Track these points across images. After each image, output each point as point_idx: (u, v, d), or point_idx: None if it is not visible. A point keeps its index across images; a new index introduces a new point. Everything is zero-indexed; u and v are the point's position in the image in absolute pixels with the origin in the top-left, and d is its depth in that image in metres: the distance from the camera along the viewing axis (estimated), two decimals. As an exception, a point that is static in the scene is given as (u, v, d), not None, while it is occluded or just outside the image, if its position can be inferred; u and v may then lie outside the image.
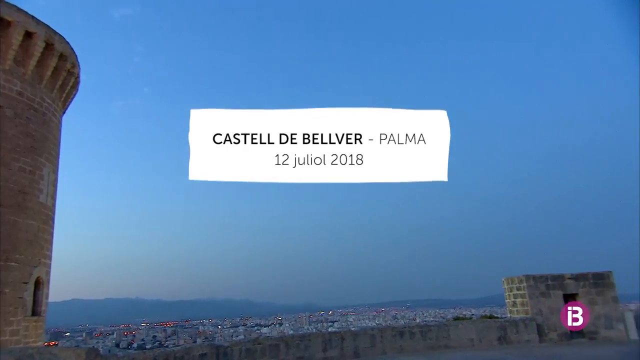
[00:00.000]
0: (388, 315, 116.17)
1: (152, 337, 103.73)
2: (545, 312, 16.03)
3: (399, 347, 14.01)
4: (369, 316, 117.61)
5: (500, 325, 15.78)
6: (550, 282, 16.43)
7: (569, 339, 15.82)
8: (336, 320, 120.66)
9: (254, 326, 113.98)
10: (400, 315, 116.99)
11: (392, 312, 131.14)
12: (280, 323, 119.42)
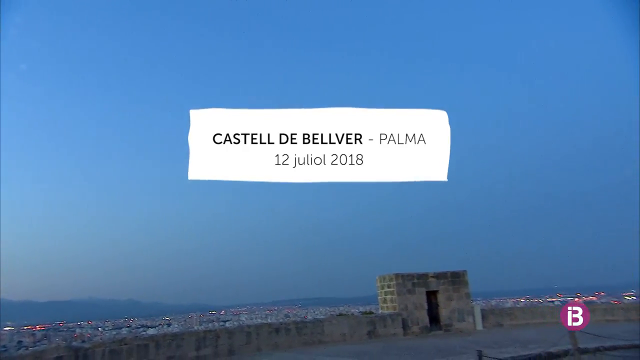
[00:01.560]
0: (280, 314, 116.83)
1: (17, 342, 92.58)
2: (410, 308, 17.67)
3: (274, 344, 14.46)
4: (262, 315, 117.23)
5: (370, 320, 17.04)
6: (416, 280, 18.15)
7: (429, 332, 17.62)
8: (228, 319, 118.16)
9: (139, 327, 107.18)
10: (292, 313, 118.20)
11: (285, 310, 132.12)
12: (169, 324, 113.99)
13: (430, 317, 17.98)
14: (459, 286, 18.50)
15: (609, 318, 18.45)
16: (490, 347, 12.08)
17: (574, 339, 8.22)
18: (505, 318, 19.27)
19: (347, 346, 14.85)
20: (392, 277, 18.05)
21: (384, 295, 18.64)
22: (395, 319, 17.29)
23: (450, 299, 18.26)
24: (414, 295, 17.87)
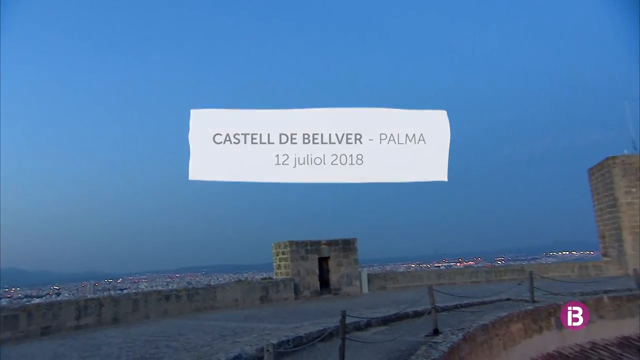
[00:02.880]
0: (183, 281, 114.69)
1: None
2: (303, 273, 18.52)
3: (164, 311, 14.39)
4: (163, 282, 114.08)
5: (263, 286, 17.60)
6: (309, 247, 18.98)
7: (319, 296, 18.68)
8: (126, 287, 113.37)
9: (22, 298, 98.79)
10: (195, 280, 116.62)
11: (187, 278, 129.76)
12: (58, 293, 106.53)
13: (321, 281, 19.03)
14: (349, 253, 19.71)
15: (474, 280, 20.97)
16: (367, 308, 13.21)
17: (432, 297, 9.33)
18: (389, 282, 21.01)
19: (238, 311, 15.24)
20: (287, 244, 18.69)
21: (278, 262, 19.28)
22: (288, 284, 18.03)
23: (340, 264, 19.42)
24: (307, 262, 18.73)
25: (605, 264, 20.53)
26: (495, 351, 7.53)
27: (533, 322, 8.96)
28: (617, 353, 9.37)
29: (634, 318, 10.38)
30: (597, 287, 12.88)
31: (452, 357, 5.76)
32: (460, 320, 8.83)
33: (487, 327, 7.44)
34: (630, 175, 19.33)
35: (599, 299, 10.24)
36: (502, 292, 14.04)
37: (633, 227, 19.30)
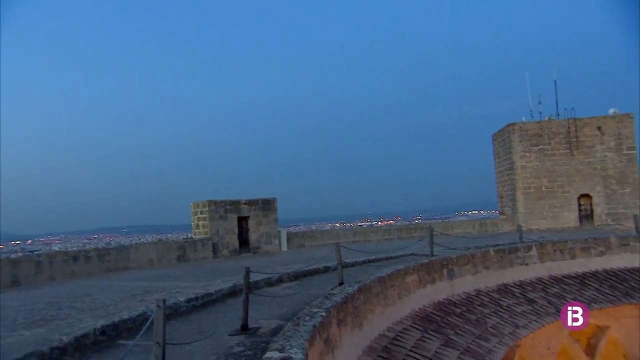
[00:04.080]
0: (101, 242, 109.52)
1: None
2: (221, 233, 18.57)
3: (71, 272, 13.85)
4: (78, 244, 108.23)
5: (180, 245, 17.45)
6: (228, 206, 18.98)
7: (238, 254, 18.93)
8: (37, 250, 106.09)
9: None
10: (114, 241, 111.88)
11: (106, 239, 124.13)
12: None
13: (241, 240, 19.24)
14: (269, 212, 20.02)
15: (387, 237, 22.32)
16: (283, 265, 13.69)
17: (339, 253, 9.88)
18: (308, 240, 21.73)
19: (153, 271, 15.06)
20: (205, 204, 18.54)
21: (197, 222, 19.13)
22: (206, 243, 18.03)
23: (260, 224, 19.71)
24: (226, 221, 18.77)
25: (501, 222, 22.75)
26: (390, 300, 8.24)
27: (427, 274, 9.86)
28: (496, 297, 10.65)
29: (513, 267, 11.79)
30: (489, 242, 14.35)
31: (347, 306, 6.25)
32: (367, 274, 9.51)
33: (384, 279, 8.09)
34: (526, 140, 21.26)
35: (486, 252, 11.45)
36: (408, 247, 15.18)
37: (525, 188, 21.44)
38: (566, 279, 12.26)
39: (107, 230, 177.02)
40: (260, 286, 10.69)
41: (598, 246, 13.00)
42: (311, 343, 4.19)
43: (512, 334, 9.22)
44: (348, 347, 6.11)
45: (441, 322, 8.99)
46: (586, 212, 21.00)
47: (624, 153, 20.45)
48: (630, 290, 11.83)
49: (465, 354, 7.88)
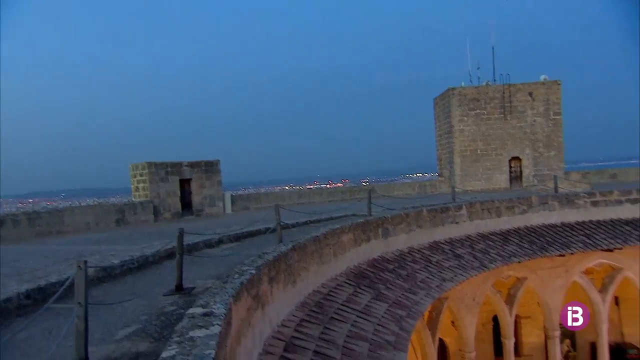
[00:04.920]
0: (37, 206, 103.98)
1: None
2: (163, 195, 18.20)
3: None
4: (12, 208, 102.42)
5: (119, 208, 16.97)
6: (169, 168, 18.54)
7: (181, 217, 18.69)
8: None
9: None
10: (52, 206, 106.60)
11: (42, 202, 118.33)
12: None
13: (183, 203, 18.97)
14: (212, 174, 19.77)
15: (331, 199, 22.80)
16: (225, 227, 13.71)
17: (278, 215, 10.04)
18: (252, 202, 21.77)
19: (90, 235, 14.64)
20: (145, 166, 18.01)
21: (136, 184, 18.59)
22: (147, 206, 17.64)
23: (203, 186, 19.47)
24: (167, 183, 18.38)
25: (439, 183, 23.80)
26: (326, 258, 8.56)
27: (363, 233, 10.27)
28: (427, 254, 11.32)
29: (444, 226, 12.52)
30: (425, 202, 15.05)
31: (279, 264, 6.45)
32: (306, 234, 9.77)
33: (319, 238, 8.35)
34: (464, 105, 22.07)
35: (419, 212, 12.05)
36: (349, 208, 15.64)
37: (462, 151, 22.44)
38: (492, 235, 13.19)
39: (44, 194, 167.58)
40: (199, 248, 10.74)
41: (521, 205, 14.01)
42: (237, 299, 4.34)
43: (439, 287, 9.90)
44: (280, 303, 6.35)
45: (374, 278, 9.47)
46: (516, 174, 22.40)
47: (551, 118, 21.79)
48: (546, 245, 12.94)
49: (393, 306, 8.41)
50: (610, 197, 14.51)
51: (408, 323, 7.94)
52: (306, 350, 5.71)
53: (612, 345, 16.35)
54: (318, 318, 6.88)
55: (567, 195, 14.70)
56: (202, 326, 3.30)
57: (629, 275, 14.70)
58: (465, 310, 13.27)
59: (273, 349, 5.45)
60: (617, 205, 14.40)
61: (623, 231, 13.73)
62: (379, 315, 7.78)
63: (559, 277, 14.40)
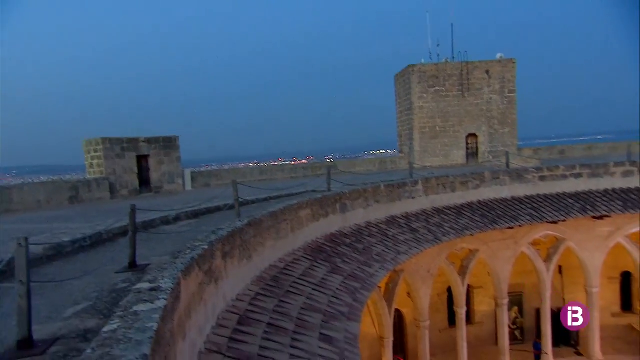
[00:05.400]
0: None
1: None
2: (119, 172, 17.73)
3: (-59, 217, 12.54)
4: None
5: (72, 185, 16.43)
6: (125, 144, 18.02)
7: (139, 194, 18.30)
8: None
9: None
10: (4, 182, 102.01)
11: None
12: None
13: (141, 180, 18.55)
14: (171, 151, 19.37)
15: (293, 175, 22.85)
16: (184, 203, 13.54)
17: (236, 191, 10.02)
18: (213, 179, 21.54)
19: (41, 213, 14.15)
20: (99, 142, 17.43)
21: (90, 160, 18.00)
22: (102, 183, 17.16)
23: (162, 163, 19.07)
24: (123, 160, 17.89)
25: (399, 159, 24.26)
26: (283, 234, 8.66)
27: (321, 208, 10.42)
28: (384, 228, 11.64)
29: (401, 201, 12.85)
30: (384, 178, 15.35)
31: (234, 240, 6.49)
32: (265, 210, 9.82)
33: (276, 213, 8.42)
34: (424, 82, 22.39)
35: (377, 187, 12.30)
36: (310, 185, 15.76)
37: (422, 127, 22.88)
38: (446, 209, 13.66)
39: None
40: (156, 225, 10.61)
41: (474, 180, 14.53)
42: (187, 274, 4.37)
43: (394, 260, 10.24)
44: (235, 278, 6.42)
45: (331, 252, 9.68)
46: (472, 150, 23.09)
47: (506, 96, 22.47)
48: (496, 218, 13.54)
49: (349, 278, 8.65)
50: (557, 172, 15.27)
51: (362, 295, 8.21)
52: (260, 322, 5.84)
53: (554, 311, 17.47)
54: (274, 292, 7.01)
55: (517, 171, 15.35)
56: (147, 301, 3.32)
57: (571, 245, 15.65)
58: (421, 282, 13.81)
59: (227, 322, 5.54)
60: (563, 180, 15.19)
61: (567, 204, 14.53)
62: (334, 288, 8.00)
63: (509, 248, 15.15)
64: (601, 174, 15.29)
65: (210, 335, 5.04)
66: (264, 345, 5.26)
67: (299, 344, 5.67)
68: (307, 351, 5.56)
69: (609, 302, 18.67)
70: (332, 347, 5.96)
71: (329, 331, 6.35)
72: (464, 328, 15.14)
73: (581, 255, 15.77)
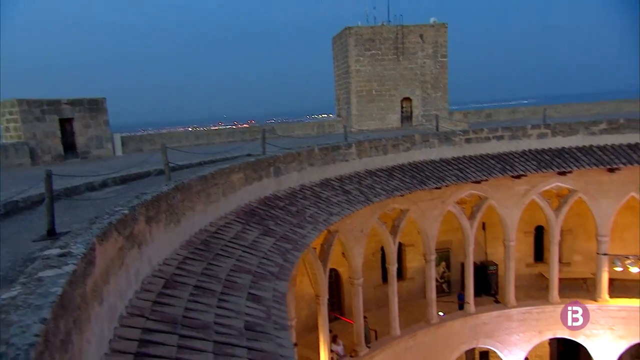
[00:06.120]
0: None
1: None
2: (40, 136, 16.57)
3: None
4: None
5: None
6: (45, 107, 16.79)
7: (64, 160, 17.27)
8: None
9: None
10: None
11: None
12: None
13: (66, 145, 17.49)
14: (97, 114, 18.32)
15: (230, 140, 22.47)
16: (112, 169, 13.00)
17: (165, 156, 9.76)
18: (146, 144, 20.70)
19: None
20: (15, 103, 16.12)
21: (6, 124, 16.65)
22: (21, 148, 16.02)
23: (88, 126, 18.03)
24: (44, 123, 16.72)
25: (337, 123, 24.48)
26: (214, 198, 8.62)
27: (254, 172, 10.42)
28: (318, 191, 11.88)
29: (335, 164, 13.12)
30: (321, 142, 15.50)
31: (159, 204, 6.40)
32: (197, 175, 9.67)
33: (206, 177, 8.34)
34: (360, 45, 22.46)
35: (311, 150, 12.44)
36: (245, 149, 15.63)
37: (359, 91, 23.12)
38: (378, 172, 14.12)
39: None
40: (80, 191, 10.15)
41: (405, 143, 15.07)
42: (103, 239, 4.30)
43: (326, 221, 10.54)
44: (162, 242, 6.38)
45: (264, 215, 9.79)
46: (407, 114, 23.75)
47: (438, 60, 23.10)
48: (425, 179, 14.21)
49: (281, 240, 8.84)
50: (481, 135, 16.16)
51: (293, 255, 8.44)
52: (187, 285, 5.89)
53: (477, 264, 18.92)
54: (203, 255, 7.05)
55: (445, 134, 16.07)
56: (55, 266, 3.26)
57: (493, 203, 16.84)
58: (354, 242, 14.36)
59: (152, 286, 5.53)
60: (486, 142, 16.12)
61: (489, 165, 15.51)
62: (265, 250, 8.16)
63: (436, 207, 16.03)
64: (520, 136, 16.38)
65: (133, 300, 5.03)
66: (189, 307, 5.33)
67: (226, 304, 5.79)
68: (234, 310, 5.70)
69: (524, 254, 20.47)
70: (260, 305, 6.15)
71: (257, 291, 6.52)
72: (395, 284, 16.03)
73: (501, 212, 17.03)
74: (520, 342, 17.84)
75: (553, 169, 15.60)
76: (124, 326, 4.44)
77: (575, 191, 16.94)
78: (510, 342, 17.83)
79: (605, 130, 16.46)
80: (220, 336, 4.93)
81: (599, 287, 17.55)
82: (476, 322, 17.46)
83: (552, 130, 16.54)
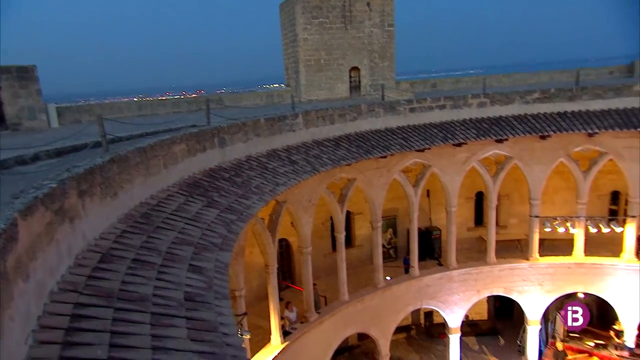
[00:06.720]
0: None
1: None
2: (-38, 108, 15.34)
3: None
4: None
5: None
6: (-33, 76, 15.51)
7: (-9, 132, 16.14)
8: None
9: None
10: None
11: None
12: None
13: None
14: (28, 82, 17.13)
15: (176, 110, 21.75)
16: (46, 142, 12.31)
17: (101, 127, 9.35)
18: (84, 115, 19.67)
19: None
20: None
21: None
22: (-59, 121, 14.78)
23: (18, 96, 16.86)
24: (-34, 94, 15.46)
25: (286, 93, 24.22)
26: (154, 170, 8.41)
27: (197, 143, 10.22)
28: (264, 162, 11.85)
29: (282, 134, 13.08)
30: (269, 112, 15.34)
31: (93, 177, 6.19)
32: (138, 146, 9.33)
33: (145, 149, 8.11)
34: (307, 13, 22.08)
35: (257, 121, 12.31)
36: (190, 119, 15.21)
37: (307, 60, 22.87)
38: (325, 142, 14.23)
39: None
40: (9, 165, 9.59)
41: (352, 113, 15.21)
42: (27, 214, 4.13)
43: (272, 191, 10.57)
44: (97, 216, 6.20)
45: (208, 187, 9.68)
46: (355, 84, 23.83)
47: (385, 29, 23.18)
48: (370, 148, 14.49)
49: (225, 211, 8.81)
50: (424, 104, 16.58)
51: (237, 226, 8.46)
52: (124, 259, 5.80)
53: (422, 229, 19.74)
54: (143, 228, 6.92)
55: (390, 103, 16.35)
56: (-30, 244, 3.13)
57: (435, 171, 17.49)
58: (302, 211, 14.54)
59: (86, 261, 5.41)
60: (429, 111, 16.57)
61: (432, 134, 16.00)
62: (208, 221, 8.11)
63: (382, 176, 16.45)
64: (461, 105, 16.95)
65: (66, 275, 4.91)
66: (127, 280, 5.27)
67: (165, 276, 5.77)
68: (174, 282, 5.70)
69: (465, 219, 21.54)
70: (201, 276, 6.17)
71: (199, 262, 6.53)
72: (344, 251, 16.48)
73: (443, 179, 17.73)
74: (460, 301, 18.98)
75: (491, 137, 16.33)
76: (54, 302, 4.35)
77: (511, 158, 17.87)
78: (451, 302, 18.93)
79: (538, 99, 17.32)
80: (159, 307, 4.94)
81: (530, 247, 18.86)
82: (420, 284, 18.36)
83: (491, 99, 17.22)
